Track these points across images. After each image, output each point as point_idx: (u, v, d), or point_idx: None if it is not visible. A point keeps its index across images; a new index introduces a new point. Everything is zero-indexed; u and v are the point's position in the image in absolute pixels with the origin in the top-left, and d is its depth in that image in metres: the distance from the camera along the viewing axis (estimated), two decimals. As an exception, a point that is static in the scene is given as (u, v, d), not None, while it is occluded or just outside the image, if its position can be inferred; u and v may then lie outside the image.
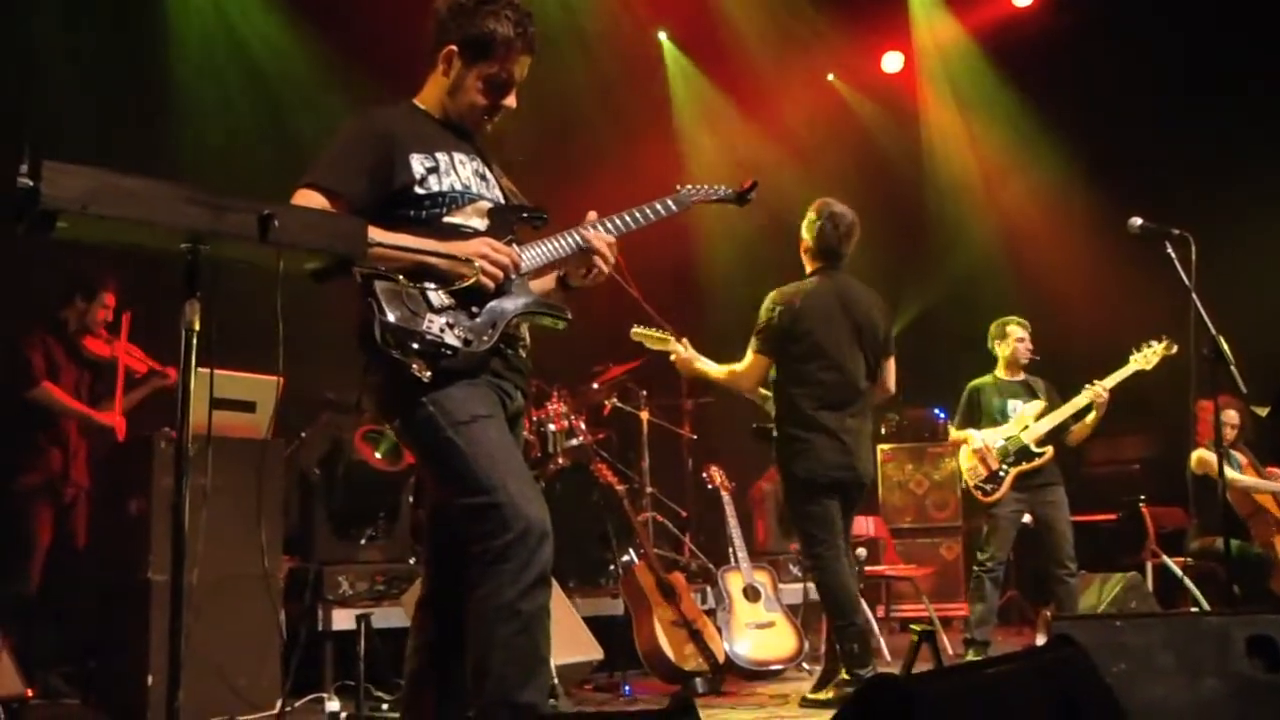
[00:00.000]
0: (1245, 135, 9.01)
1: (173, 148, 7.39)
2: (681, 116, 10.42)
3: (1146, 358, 6.61)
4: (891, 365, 5.63)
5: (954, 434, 7.20)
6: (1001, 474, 6.74)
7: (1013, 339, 7.03)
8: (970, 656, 6.50)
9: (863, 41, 10.63)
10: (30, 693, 4.94)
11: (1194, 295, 4.94)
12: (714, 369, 5.61)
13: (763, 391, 5.58)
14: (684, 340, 5.63)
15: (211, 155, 7.56)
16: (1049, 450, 6.75)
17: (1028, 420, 6.81)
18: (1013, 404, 6.93)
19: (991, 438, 6.83)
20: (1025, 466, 6.74)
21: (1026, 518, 6.86)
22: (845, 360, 5.41)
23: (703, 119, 10.49)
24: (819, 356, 5.39)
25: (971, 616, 6.77)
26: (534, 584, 2.91)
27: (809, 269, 5.61)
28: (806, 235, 5.60)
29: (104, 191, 2.32)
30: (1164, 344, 6.55)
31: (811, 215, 5.57)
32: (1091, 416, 6.76)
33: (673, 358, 5.67)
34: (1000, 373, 7.09)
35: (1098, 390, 6.66)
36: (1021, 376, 7.05)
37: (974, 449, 6.86)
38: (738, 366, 5.54)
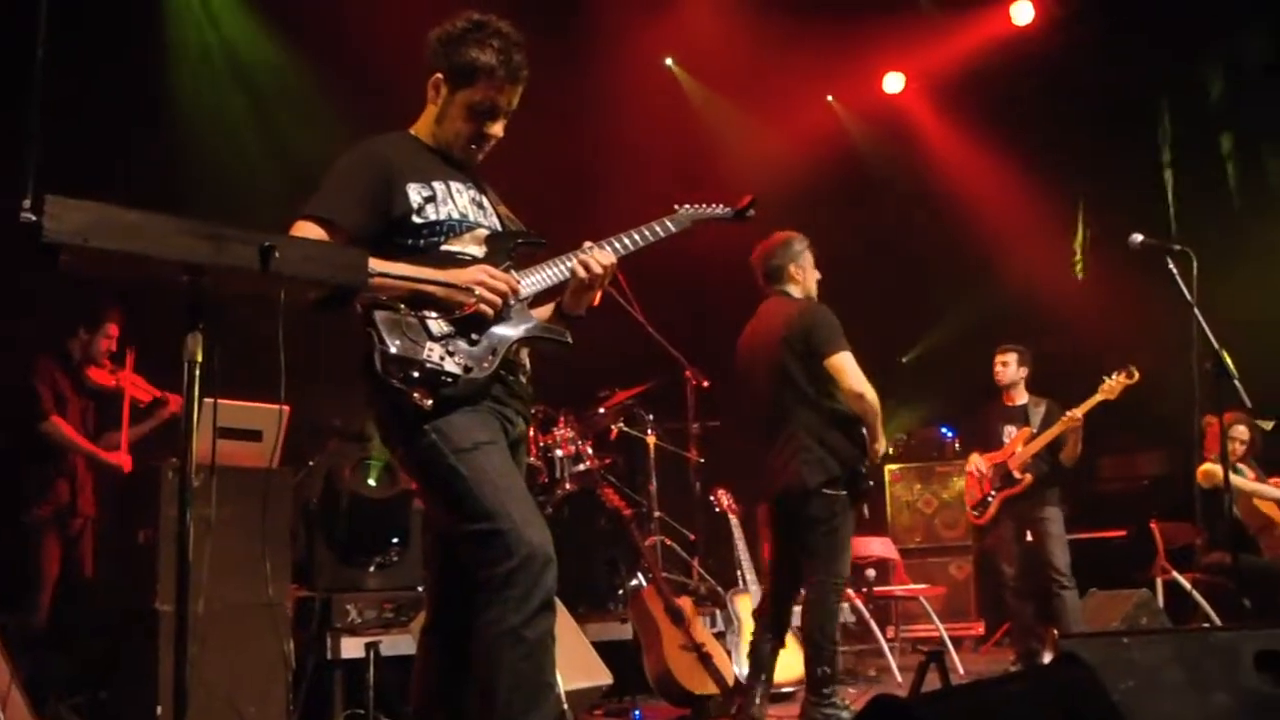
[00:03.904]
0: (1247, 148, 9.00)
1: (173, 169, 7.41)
2: (688, 140, 10.37)
3: (1110, 388, 6.84)
4: (837, 363, 5.20)
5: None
6: (989, 498, 7.11)
7: (995, 364, 7.37)
8: None
9: (862, 62, 10.60)
10: (40, 724, 4.95)
11: (1195, 310, 4.95)
12: None
13: None
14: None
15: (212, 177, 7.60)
16: (1028, 477, 7.00)
17: (1016, 446, 7.11)
18: (1007, 429, 7.25)
19: (983, 463, 7.19)
20: (1008, 492, 7.07)
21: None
22: (754, 385, 5.48)
23: (709, 142, 10.45)
24: (742, 386, 5.59)
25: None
26: (539, 610, 2.91)
27: None
28: None
29: (105, 225, 2.33)
30: (1123, 374, 6.79)
31: None
32: (1070, 441, 6.99)
33: None
34: (1002, 396, 7.37)
35: (1069, 418, 6.92)
36: (1021, 401, 7.33)
37: (969, 471, 7.30)
38: None
